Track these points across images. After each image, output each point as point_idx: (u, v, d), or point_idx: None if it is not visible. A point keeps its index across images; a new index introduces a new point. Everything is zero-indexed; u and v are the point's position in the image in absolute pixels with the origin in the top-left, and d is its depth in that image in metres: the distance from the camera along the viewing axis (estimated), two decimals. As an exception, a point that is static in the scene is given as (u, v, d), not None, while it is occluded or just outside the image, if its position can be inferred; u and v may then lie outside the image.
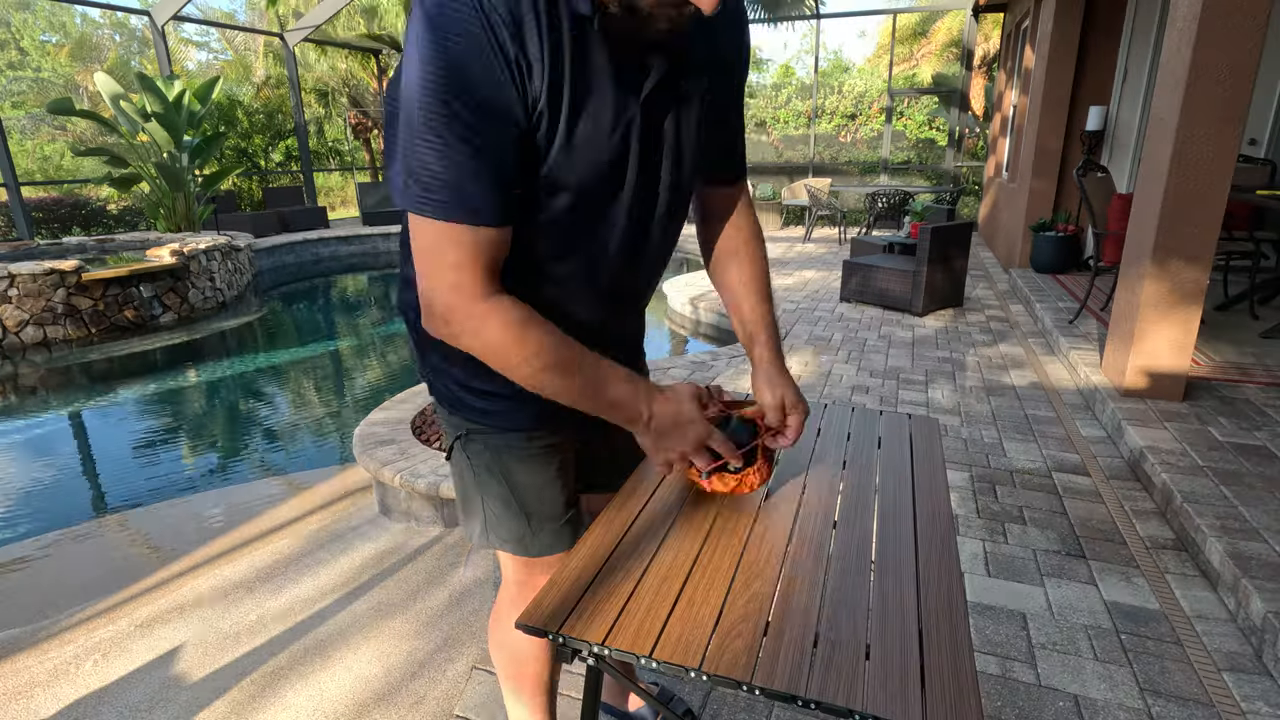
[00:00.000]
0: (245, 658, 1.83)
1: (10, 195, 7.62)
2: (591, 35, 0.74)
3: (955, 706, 0.66)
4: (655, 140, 0.84)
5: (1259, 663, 1.67)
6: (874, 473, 1.14)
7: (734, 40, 0.91)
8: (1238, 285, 4.64)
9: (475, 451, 1.01)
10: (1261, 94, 4.97)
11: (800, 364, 3.98)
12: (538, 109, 0.74)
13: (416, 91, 0.71)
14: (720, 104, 0.92)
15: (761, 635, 0.77)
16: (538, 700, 1.24)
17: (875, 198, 8.92)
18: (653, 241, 0.93)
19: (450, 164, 0.72)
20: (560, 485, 1.04)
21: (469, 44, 0.69)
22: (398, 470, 2.44)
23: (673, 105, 0.84)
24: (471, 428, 1.00)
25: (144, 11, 8.85)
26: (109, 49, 18.95)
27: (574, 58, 0.73)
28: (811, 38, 15.02)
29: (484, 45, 0.69)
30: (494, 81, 0.70)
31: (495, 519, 1.04)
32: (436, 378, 1.00)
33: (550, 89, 0.73)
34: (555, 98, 0.74)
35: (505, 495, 1.02)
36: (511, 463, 1.00)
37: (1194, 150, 2.75)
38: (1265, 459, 2.47)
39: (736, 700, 1.58)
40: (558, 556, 1.07)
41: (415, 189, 0.74)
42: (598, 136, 0.78)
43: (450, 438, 1.04)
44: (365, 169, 15.33)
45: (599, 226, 0.86)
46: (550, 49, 0.71)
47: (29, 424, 4.09)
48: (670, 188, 0.89)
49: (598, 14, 0.72)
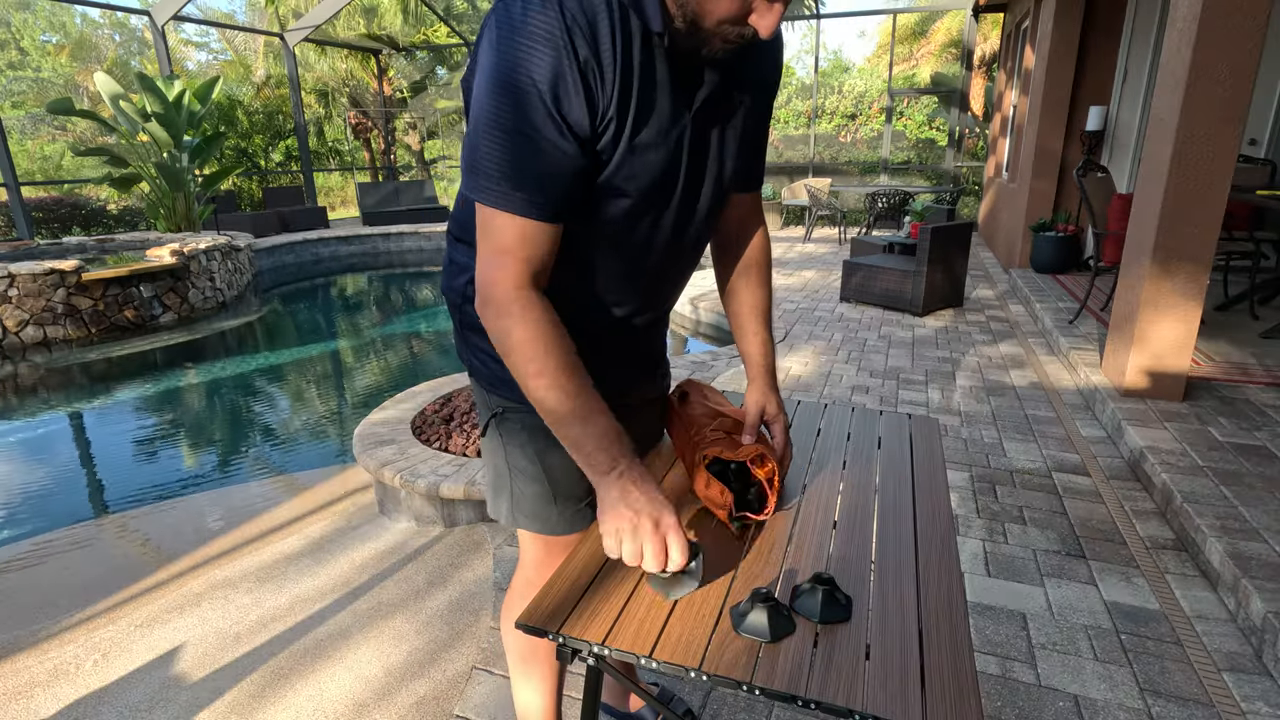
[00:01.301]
0: (245, 658, 1.83)
1: (10, 195, 7.62)
2: (658, 50, 0.80)
3: (955, 706, 0.66)
4: (703, 149, 0.90)
5: (1259, 663, 1.67)
6: (874, 473, 1.14)
7: (774, 60, 0.97)
8: (1238, 285, 4.64)
9: (510, 429, 1.05)
10: (1261, 94, 4.97)
11: (800, 364, 3.98)
12: (606, 117, 0.79)
13: (492, 88, 0.76)
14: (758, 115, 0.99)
15: (761, 635, 0.76)
16: (548, 684, 1.24)
17: (875, 198, 8.92)
18: (689, 244, 0.99)
19: (515, 159, 0.78)
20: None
21: (551, 51, 0.74)
22: (398, 470, 2.44)
23: (720, 118, 0.90)
24: (507, 405, 1.03)
25: (144, 11, 8.84)
26: (109, 49, 18.95)
27: (642, 71, 0.79)
28: (811, 38, 15.03)
29: (564, 54, 0.74)
30: (568, 89, 0.76)
31: (522, 496, 1.08)
32: (475, 356, 1.04)
33: (620, 99, 0.79)
34: (623, 107, 0.79)
35: (536, 473, 1.06)
36: (544, 440, 1.03)
37: (1194, 150, 2.75)
38: (1265, 459, 2.47)
39: (736, 700, 1.58)
40: (575, 536, 1.11)
41: (479, 177, 0.80)
42: (656, 145, 0.84)
43: (486, 416, 1.08)
44: (365, 169, 15.33)
45: (647, 229, 0.92)
46: (622, 62, 0.77)
47: (29, 424, 4.09)
48: (711, 195, 0.96)
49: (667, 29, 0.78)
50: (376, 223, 10.80)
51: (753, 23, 0.76)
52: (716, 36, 0.78)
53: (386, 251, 10.27)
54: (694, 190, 0.93)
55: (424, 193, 11.71)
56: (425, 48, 14.64)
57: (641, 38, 0.78)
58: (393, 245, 10.36)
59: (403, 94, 15.20)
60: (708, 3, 0.75)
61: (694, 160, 0.90)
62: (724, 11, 0.75)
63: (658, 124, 0.83)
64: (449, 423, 2.89)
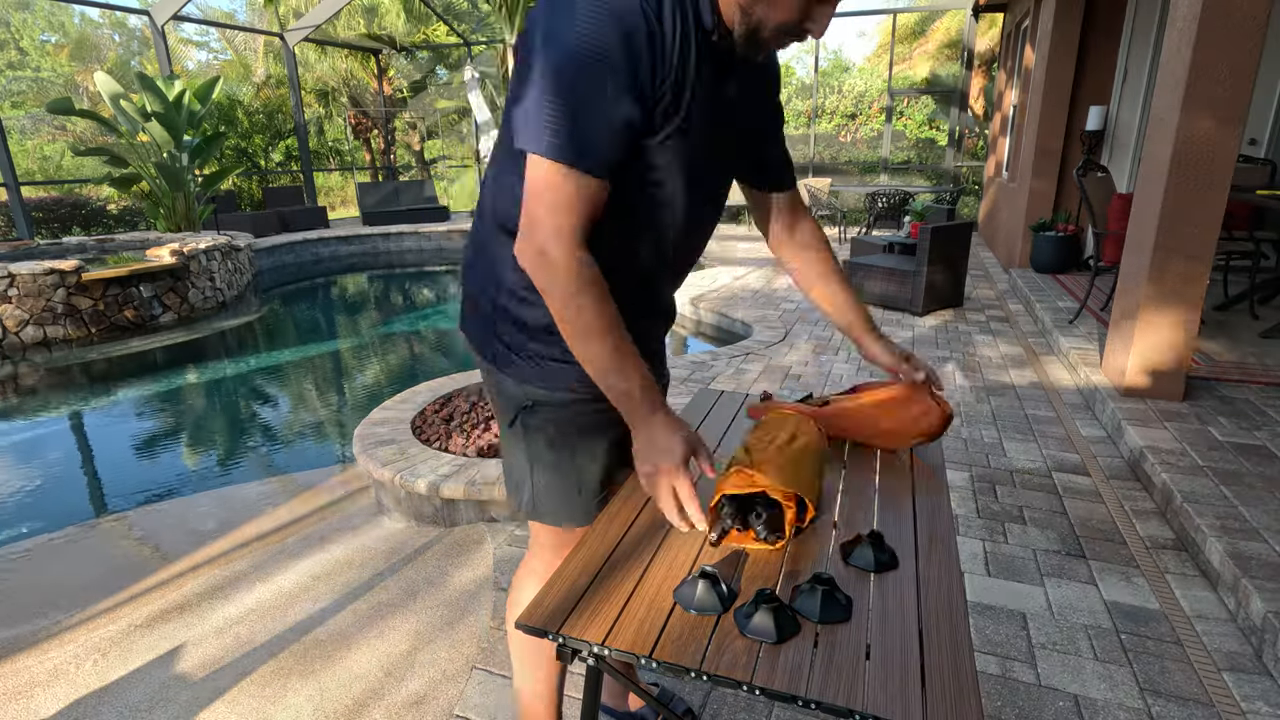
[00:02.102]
0: (245, 657, 1.83)
1: (10, 195, 7.62)
2: (708, 43, 0.89)
3: (955, 706, 0.66)
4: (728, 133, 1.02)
5: (1259, 663, 1.67)
6: (874, 471, 1.14)
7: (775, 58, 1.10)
8: (1238, 285, 4.64)
9: (539, 423, 1.08)
10: (1261, 94, 4.97)
11: (800, 363, 3.98)
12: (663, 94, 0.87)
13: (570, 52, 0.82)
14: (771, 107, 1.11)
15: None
16: (551, 673, 1.24)
17: (875, 198, 8.92)
18: (707, 218, 1.08)
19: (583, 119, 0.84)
20: (612, 460, 1.13)
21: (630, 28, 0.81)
22: (398, 470, 2.44)
23: (743, 105, 1.01)
24: (538, 396, 1.06)
25: (144, 11, 8.84)
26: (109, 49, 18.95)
27: (697, 59, 0.88)
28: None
29: (641, 33, 0.81)
30: (639, 64, 0.83)
31: (545, 489, 1.11)
32: (499, 344, 1.06)
33: (676, 80, 0.87)
34: (678, 88, 0.88)
35: (562, 465, 1.09)
36: (573, 433, 1.08)
37: (1194, 150, 2.75)
38: (1265, 459, 2.47)
39: (737, 700, 1.58)
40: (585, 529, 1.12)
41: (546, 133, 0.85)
42: (697, 125, 0.93)
43: (512, 410, 1.09)
44: (365, 169, 15.32)
45: (677, 199, 0.99)
46: (681, 47, 0.85)
47: (29, 424, 4.09)
48: (726, 174, 1.07)
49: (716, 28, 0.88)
50: (376, 223, 10.79)
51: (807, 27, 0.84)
52: (771, 41, 0.86)
53: (386, 251, 10.27)
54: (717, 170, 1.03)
55: (424, 193, 11.70)
56: (425, 47, 14.63)
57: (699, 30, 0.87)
58: (393, 245, 10.36)
59: (403, 94, 15.19)
60: (771, 11, 0.83)
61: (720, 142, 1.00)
62: (784, 17, 0.83)
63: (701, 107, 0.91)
64: (449, 423, 2.90)
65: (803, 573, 0.87)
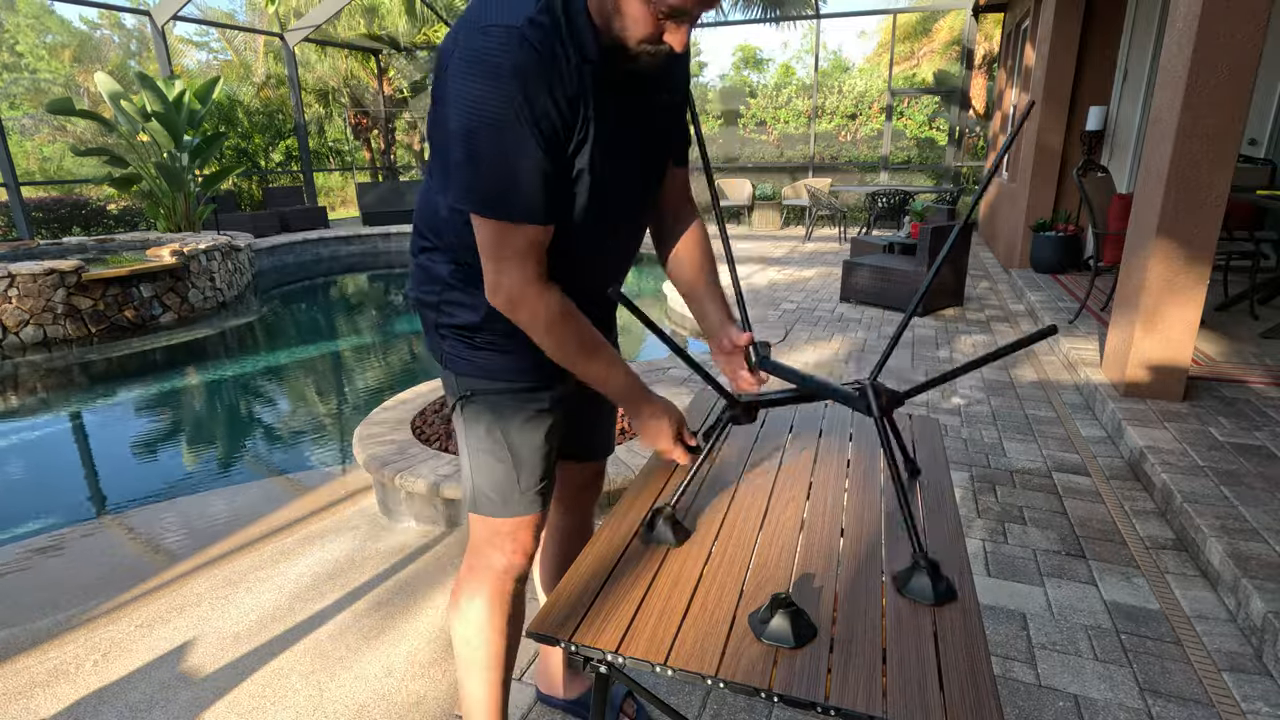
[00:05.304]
0: (246, 658, 1.83)
1: (10, 195, 7.61)
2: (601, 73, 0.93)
3: (975, 710, 0.66)
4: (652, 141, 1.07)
5: (1259, 663, 1.67)
6: (879, 473, 1.14)
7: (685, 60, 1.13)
8: (1238, 285, 4.64)
9: (475, 411, 1.13)
10: (1261, 94, 4.97)
11: (800, 364, 3.98)
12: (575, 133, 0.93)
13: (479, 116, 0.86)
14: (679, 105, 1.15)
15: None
16: (497, 674, 1.23)
17: (875, 197, 8.91)
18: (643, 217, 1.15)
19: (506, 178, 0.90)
20: (548, 449, 1.17)
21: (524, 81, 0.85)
22: (398, 470, 2.44)
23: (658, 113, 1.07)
24: (475, 387, 1.12)
25: (144, 11, 8.84)
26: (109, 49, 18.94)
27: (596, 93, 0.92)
28: (812, 37, 15.00)
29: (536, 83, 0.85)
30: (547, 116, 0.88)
31: (485, 478, 1.15)
32: (443, 343, 1.13)
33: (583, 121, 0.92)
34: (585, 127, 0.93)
35: (498, 452, 1.13)
36: (509, 421, 1.12)
37: (1194, 150, 2.75)
38: (1265, 459, 2.47)
39: (736, 700, 1.58)
40: (529, 519, 1.18)
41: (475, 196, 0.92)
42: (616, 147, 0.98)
43: (454, 401, 1.15)
44: (365, 169, 15.31)
45: (612, 211, 1.05)
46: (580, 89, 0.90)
47: (29, 424, 4.09)
48: (656, 175, 1.13)
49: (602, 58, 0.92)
50: (376, 223, 10.79)
51: (667, 40, 0.89)
52: (641, 54, 0.91)
53: (386, 251, 10.26)
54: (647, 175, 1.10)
55: (424, 193, 11.68)
56: (425, 48, 14.62)
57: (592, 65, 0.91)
58: (393, 245, 10.35)
59: (403, 94, 15.17)
60: (627, 30, 0.88)
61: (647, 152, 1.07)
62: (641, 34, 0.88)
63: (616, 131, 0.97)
64: (449, 423, 2.90)
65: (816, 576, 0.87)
